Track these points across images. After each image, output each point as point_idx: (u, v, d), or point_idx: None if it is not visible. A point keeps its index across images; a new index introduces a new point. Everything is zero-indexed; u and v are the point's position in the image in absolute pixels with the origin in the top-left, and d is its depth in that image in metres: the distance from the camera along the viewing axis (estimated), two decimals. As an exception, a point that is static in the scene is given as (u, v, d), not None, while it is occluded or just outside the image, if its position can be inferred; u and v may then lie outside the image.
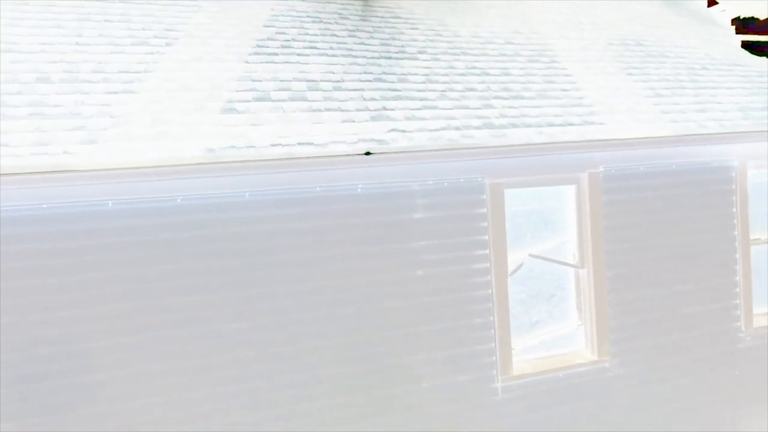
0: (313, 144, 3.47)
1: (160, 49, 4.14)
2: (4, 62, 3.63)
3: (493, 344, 4.20)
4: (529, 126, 4.12)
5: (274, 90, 3.95)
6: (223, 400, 3.56)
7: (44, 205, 3.16)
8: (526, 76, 4.92)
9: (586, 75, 5.12)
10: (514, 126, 4.10)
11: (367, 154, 3.51)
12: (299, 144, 3.45)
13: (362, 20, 5.41)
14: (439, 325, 4.06)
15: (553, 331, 4.62)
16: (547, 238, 4.60)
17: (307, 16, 5.21)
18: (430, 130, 3.85)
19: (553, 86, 4.83)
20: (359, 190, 3.80)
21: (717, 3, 7.93)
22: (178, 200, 3.36)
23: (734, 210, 4.94)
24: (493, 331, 4.20)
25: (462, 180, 4.06)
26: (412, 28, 5.45)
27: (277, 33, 4.77)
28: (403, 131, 3.79)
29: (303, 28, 4.96)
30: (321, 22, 5.17)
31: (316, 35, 4.88)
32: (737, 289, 4.98)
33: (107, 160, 3.00)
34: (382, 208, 3.87)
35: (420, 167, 3.85)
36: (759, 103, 5.15)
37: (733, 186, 4.92)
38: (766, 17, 8.87)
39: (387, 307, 3.93)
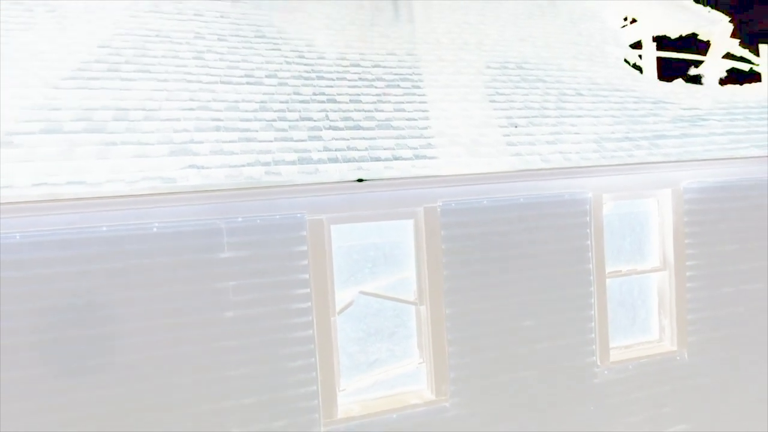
0: (84, 183, 3.24)
1: (-42, 73, 3.88)
2: None
3: (315, 387, 4.02)
4: (350, 161, 3.94)
5: (70, 120, 3.71)
6: None
7: None
8: (375, 104, 4.75)
9: (443, 102, 4.97)
10: (334, 161, 3.92)
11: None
12: (68, 183, 3.22)
13: (219, 40, 5.19)
14: (254, 369, 3.86)
15: (392, 370, 4.46)
16: (386, 274, 4.43)
17: (156, 35, 4.98)
18: (232, 166, 3.65)
19: (400, 114, 4.67)
20: (155, 229, 3.59)
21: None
22: (-70, 244, 3.12)
23: (589, 243, 4.82)
24: (315, 373, 4.01)
25: (278, 217, 3.87)
26: (273, 49, 5.25)
27: (110, 54, 4.53)
28: (200, 168, 3.59)
29: (143, 49, 4.72)
30: (169, 41, 4.94)
31: (155, 57, 4.64)
32: (592, 324, 4.87)
33: None
34: (183, 247, 3.66)
35: (223, 205, 3.66)
36: (619, 134, 5.04)
37: (588, 219, 4.80)
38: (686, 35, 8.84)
39: (192, 350, 3.72)
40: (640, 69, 7.25)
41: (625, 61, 7.07)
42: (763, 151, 5.19)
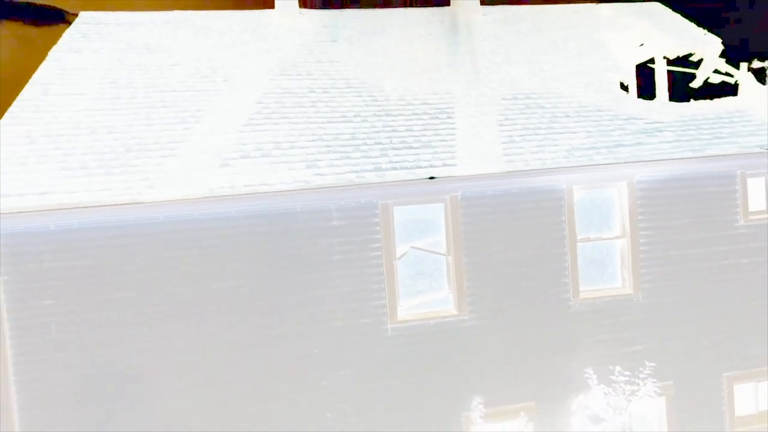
0: (267, 184, 6.31)
1: (193, 125, 7.13)
2: (99, 142, 6.75)
3: (385, 301, 6.86)
4: (405, 168, 6.73)
5: (252, 150, 6.83)
6: (222, 324, 6.50)
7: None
8: (422, 131, 7.49)
9: (466, 127, 7.60)
10: (395, 169, 6.73)
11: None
12: (261, 184, 6.30)
13: (324, 92, 8.17)
14: (350, 288, 6.77)
15: (431, 296, 7.20)
16: (427, 236, 7.18)
17: (287, 92, 8.04)
18: (338, 174, 6.57)
19: (437, 137, 7.38)
20: (298, 209, 6.60)
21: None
22: (196, 215, 6.32)
23: (563, 218, 7.25)
24: (384, 293, 6.85)
25: (363, 201, 6.74)
26: (357, 96, 8.15)
27: (263, 108, 7.65)
28: (322, 174, 6.54)
29: (281, 102, 7.80)
30: (294, 96, 7.99)
31: (289, 107, 7.71)
32: (567, 272, 7.30)
33: (159, 196, 6.01)
34: (311, 219, 6.64)
35: (334, 194, 6.58)
36: (587, 145, 7.39)
37: (562, 202, 7.24)
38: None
39: (318, 277, 6.70)
40: (627, 88, 9.32)
41: (621, 84, 9.21)
42: (695, 153, 7.32)
